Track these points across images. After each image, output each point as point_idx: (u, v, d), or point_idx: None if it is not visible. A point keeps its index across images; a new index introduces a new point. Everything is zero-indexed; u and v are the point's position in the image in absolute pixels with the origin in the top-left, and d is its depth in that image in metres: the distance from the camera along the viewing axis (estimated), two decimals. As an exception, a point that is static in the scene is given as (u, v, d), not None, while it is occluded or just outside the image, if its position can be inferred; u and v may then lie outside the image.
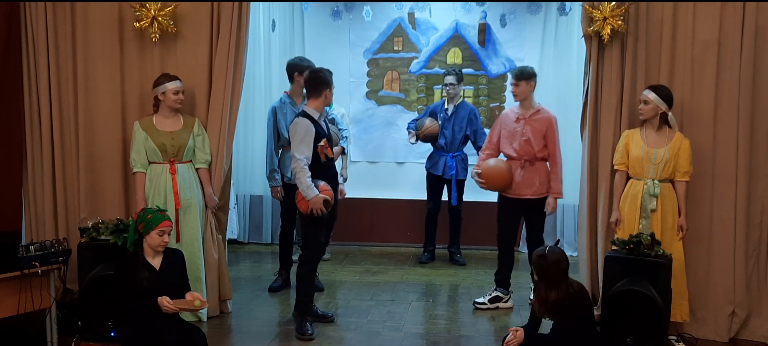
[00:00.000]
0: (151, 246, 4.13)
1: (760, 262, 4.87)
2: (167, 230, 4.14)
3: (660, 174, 4.68)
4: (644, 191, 4.70)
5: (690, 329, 4.86)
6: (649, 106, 4.66)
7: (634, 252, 4.46)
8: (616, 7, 4.73)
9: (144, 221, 4.11)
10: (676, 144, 4.66)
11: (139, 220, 4.15)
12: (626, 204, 4.78)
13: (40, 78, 5.24)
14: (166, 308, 3.97)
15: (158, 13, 4.96)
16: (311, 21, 7.57)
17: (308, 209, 4.69)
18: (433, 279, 6.38)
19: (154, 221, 4.10)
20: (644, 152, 4.68)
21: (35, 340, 4.56)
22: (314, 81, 4.89)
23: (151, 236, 4.09)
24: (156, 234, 4.09)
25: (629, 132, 4.82)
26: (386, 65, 7.60)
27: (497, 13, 7.22)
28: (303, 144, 4.71)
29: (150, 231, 4.09)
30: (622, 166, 4.81)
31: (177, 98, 4.92)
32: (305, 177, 4.66)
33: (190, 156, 5.03)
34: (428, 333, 5.01)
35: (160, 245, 4.13)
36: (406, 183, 7.57)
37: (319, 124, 4.85)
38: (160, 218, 4.12)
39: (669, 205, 4.70)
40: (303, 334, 4.83)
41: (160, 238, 4.10)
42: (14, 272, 4.34)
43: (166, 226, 4.13)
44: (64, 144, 5.29)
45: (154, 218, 4.11)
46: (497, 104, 7.45)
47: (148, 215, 4.13)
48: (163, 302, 3.98)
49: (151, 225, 4.09)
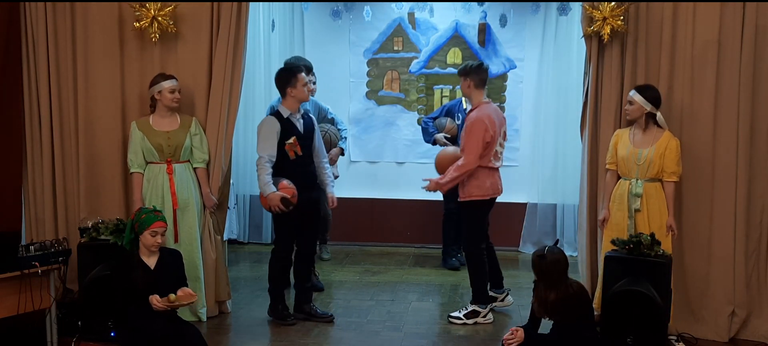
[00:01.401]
0: (145, 246, 4.17)
1: (760, 262, 4.87)
2: (160, 231, 4.17)
3: (645, 174, 4.68)
4: (628, 190, 4.70)
5: (690, 329, 4.86)
6: (634, 107, 4.66)
7: (634, 252, 4.46)
8: (616, 7, 4.73)
9: (139, 221, 4.17)
10: (663, 144, 4.63)
11: (134, 219, 4.20)
12: (615, 204, 4.79)
13: (40, 78, 5.24)
14: (156, 306, 4.01)
15: (158, 13, 4.96)
16: (311, 21, 7.57)
17: (268, 207, 4.82)
18: (433, 279, 6.38)
19: (147, 222, 4.14)
20: (629, 152, 4.69)
21: (35, 340, 4.56)
22: (278, 81, 5.03)
23: (145, 236, 4.14)
24: (149, 234, 4.13)
25: (619, 132, 4.82)
26: (386, 65, 7.60)
27: (497, 13, 7.22)
28: (266, 142, 4.87)
29: (143, 231, 4.14)
30: (611, 165, 4.82)
31: (173, 97, 4.92)
32: (264, 174, 4.82)
33: (188, 156, 5.03)
34: (428, 333, 5.00)
35: (154, 245, 4.17)
36: (406, 183, 7.56)
37: (292, 122, 4.90)
38: (152, 218, 4.16)
39: (655, 205, 4.68)
40: (284, 320, 5.12)
41: (152, 238, 4.14)
42: (14, 272, 4.33)
43: (158, 226, 4.16)
44: (64, 144, 5.29)
45: (147, 218, 4.16)
46: (497, 104, 7.45)
47: (142, 215, 4.18)
48: (152, 300, 4.02)
49: (145, 225, 4.14)
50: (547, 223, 7.30)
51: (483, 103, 5.11)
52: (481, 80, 5.11)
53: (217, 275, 5.21)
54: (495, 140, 5.06)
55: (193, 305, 5.08)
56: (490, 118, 5.02)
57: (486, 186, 5.10)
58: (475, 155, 4.99)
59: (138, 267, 4.13)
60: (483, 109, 5.08)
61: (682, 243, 4.85)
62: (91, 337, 4.63)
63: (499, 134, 5.10)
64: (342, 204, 5.77)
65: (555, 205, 7.26)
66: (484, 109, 5.07)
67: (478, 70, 5.11)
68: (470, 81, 5.11)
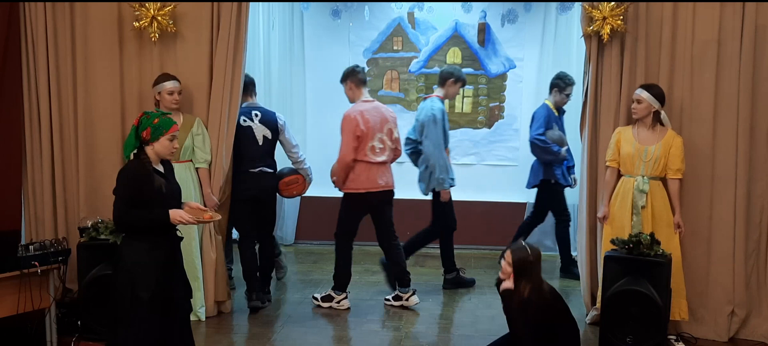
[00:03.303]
0: (158, 154, 3.61)
1: (759, 261, 4.87)
2: (176, 135, 3.66)
3: (651, 171, 4.68)
4: (634, 187, 4.70)
5: (689, 329, 4.86)
6: (643, 106, 4.66)
7: (634, 252, 4.46)
8: (615, 6, 4.73)
9: (150, 126, 3.55)
10: (668, 142, 4.66)
11: (142, 126, 3.56)
12: (617, 202, 4.79)
13: (40, 78, 5.23)
14: (186, 220, 3.53)
15: (158, 12, 4.96)
16: (311, 21, 7.57)
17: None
18: (433, 279, 6.37)
19: (164, 125, 3.57)
20: (635, 149, 4.69)
21: (35, 340, 4.57)
22: None
23: (161, 142, 3.57)
24: (166, 140, 3.58)
25: (621, 129, 4.82)
26: (386, 65, 7.60)
27: (497, 12, 7.22)
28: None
29: (159, 137, 3.56)
30: (613, 162, 4.82)
31: (172, 98, 4.92)
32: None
33: (189, 155, 5.03)
34: (428, 333, 5.01)
35: (171, 151, 3.65)
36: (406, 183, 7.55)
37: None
38: (169, 122, 3.60)
39: (660, 202, 4.69)
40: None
41: (170, 143, 3.60)
42: (14, 271, 4.34)
43: (176, 130, 3.63)
44: (64, 144, 5.29)
45: (162, 122, 3.57)
46: (497, 104, 7.46)
47: (155, 120, 3.57)
48: (181, 214, 3.53)
49: (162, 129, 3.56)
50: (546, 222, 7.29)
51: (361, 101, 5.38)
52: (359, 80, 5.43)
53: (216, 276, 5.20)
54: (369, 136, 5.29)
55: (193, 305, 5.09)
56: (363, 114, 5.29)
57: (361, 180, 5.33)
58: (346, 150, 5.28)
59: (155, 174, 3.58)
60: (355, 106, 5.36)
61: (681, 243, 4.85)
62: (91, 337, 4.63)
63: (377, 130, 5.33)
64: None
65: (555, 204, 7.25)
66: (356, 106, 5.35)
67: (352, 74, 5.42)
68: (350, 84, 5.43)
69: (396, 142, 5.52)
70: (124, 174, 3.57)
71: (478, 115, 7.52)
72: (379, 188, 5.39)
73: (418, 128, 5.92)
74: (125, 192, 3.53)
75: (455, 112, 7.53)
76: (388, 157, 5.46)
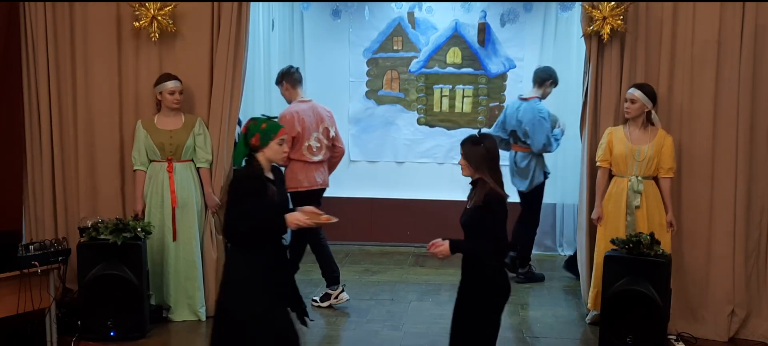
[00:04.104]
0: (270, 160, 3.50)
1: (759, 262, 4.88)
2: (285, 139, 3.56)
3: (644, 171, 4.69)
4: (628, 187, 4.71)
5: (689, 329, 4.86)
6: (636, 105, 4.67)
7: (634, 252, 4.46)
8: (615, 6, 4.73)
9: (259, 132, 3.44)
10: (660, 141, 4.67)
11: (250, 132, 3.47)
12: (610, 202, 4.79)
13: (40, 78, 5.23)
14: (304, 222, 3.47)
15: (158, 12, 4.96)
16: (311, 21, 7.56)
17: None
18: (432, 279, 6.37)
19: (272, 130, 3.46)
20: (628, 149, 4.69)
21: (35, 339, 4.57)
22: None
23: (271, 147, 3.46)
24: (276, 144, 3.47)
25: (612, 129, 4.82)
26: (386, 65, 7.60)
27: (497, 12, 7.22)
28: None
29: (268, 142, 3.45)
30: (604, 163, 4.82)
31: (173, 98, 4.93)
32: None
33: (190, 155, 5.04)
34: (428, 333, 5.00)
35: (283, 156, 3.55)
36: (406, 183, 7.57)
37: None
38: (276, 125, 3.50)
39: (653, 202, 4.71)
40: None
41: (280, 147, 3.49)
42: (14, 271, 4.34)
43: (284, 133, 3.54)
44: (64, 144, 5.29)
45: (270, 126, 3.47)
46: (497, 104, 7.45)
47: (263, 125, 3.47)
48: (298, 217, 3.46)
49: (270, 134, 3.45)
50: (547, 222, 7.28)
51: (298, 101, 5.46)
52: (295, 81, 5.51)
53: (217, 275, 5.19)
54: (305, 135, 5.35)
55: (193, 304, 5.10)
56: (298, 114, 5.35)
57: (299, 179, 5.37)
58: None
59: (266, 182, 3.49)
60: (291, 106, 5.44)
61: (681, 243, 4.86)
62: (91, 337, 4.63)
63: (313, 130, 5.40)
64: (342, 203, 5.77)
65: (554, 204, 7.24)
66: (292, 106, 5.44)
67: (287, 75, 5.51)
68: (286, 84, 5.52)
69: (333, 141, 5.56)
70: (240, 185, 3.50)
71: (478, 115, 7.51)
72: (318, 186, 5.47)
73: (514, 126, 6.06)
74: (242, 206, 3.41)
75: (455, 112, 7.53)
76: (325, 155, 5.51)
